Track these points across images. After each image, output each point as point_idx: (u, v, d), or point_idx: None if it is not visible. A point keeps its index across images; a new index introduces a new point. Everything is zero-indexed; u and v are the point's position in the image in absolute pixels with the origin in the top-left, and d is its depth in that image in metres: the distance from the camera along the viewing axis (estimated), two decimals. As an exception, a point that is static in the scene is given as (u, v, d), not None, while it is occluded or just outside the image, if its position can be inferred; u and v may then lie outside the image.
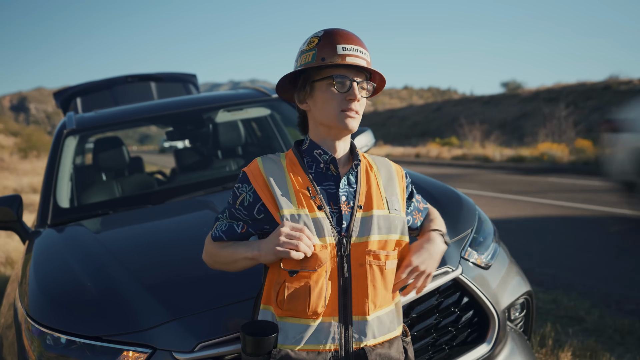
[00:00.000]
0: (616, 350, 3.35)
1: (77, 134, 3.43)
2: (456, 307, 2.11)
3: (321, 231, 1.46)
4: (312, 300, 1.44)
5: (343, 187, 1.54)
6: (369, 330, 1.48)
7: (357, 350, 1.47)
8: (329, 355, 1.46)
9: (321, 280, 1.44)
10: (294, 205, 1.48)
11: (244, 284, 1.88)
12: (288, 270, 1.45)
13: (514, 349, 2.22)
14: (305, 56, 1.52)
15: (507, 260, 2.44)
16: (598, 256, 5.58)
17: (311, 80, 1.54)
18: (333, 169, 1.55)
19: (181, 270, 2.07)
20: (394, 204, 1.57)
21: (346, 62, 1.48)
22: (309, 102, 1.56)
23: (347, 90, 1.50)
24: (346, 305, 1.47)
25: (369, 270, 1.47)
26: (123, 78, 5.50)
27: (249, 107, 3.83)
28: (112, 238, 2.49)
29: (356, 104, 1.51)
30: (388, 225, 1.53)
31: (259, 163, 1.58)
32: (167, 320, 1.77)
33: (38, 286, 2.05)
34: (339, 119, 1.50)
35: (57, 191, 3.01)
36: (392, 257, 1.53)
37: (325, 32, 1.53)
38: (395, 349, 1.54)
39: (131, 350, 1.73)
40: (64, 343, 1.79)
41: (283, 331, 1.47)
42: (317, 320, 1.46)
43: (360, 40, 1.55)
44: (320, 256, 1.44)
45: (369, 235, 1.49)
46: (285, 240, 1.40)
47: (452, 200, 2.50)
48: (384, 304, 1.53)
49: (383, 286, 1.50)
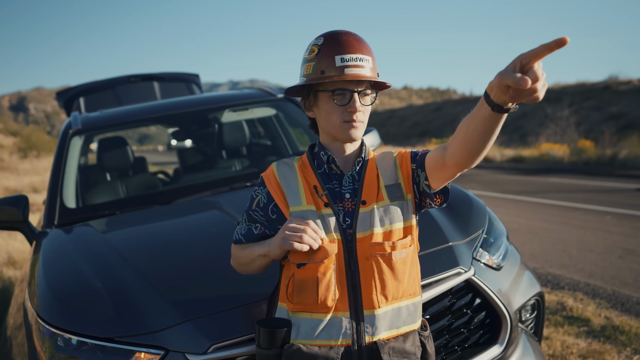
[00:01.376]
0: (623, 351, 3.34)
1: (82, 134, 3.42)
2: (468, 308, 2.10)
3: (328, 227, 1.50)
4: (320, 292, 1.47)
5: (347, 184, 1.57)
6: (381, 323, 1.48)
7: (370, 344, 1.47)
8: (341, 350, 1.47)
9: (329, 272, 1.48)
10: (302, 203, 1.54)
11: (257, 285, 1.87)
12: (296, 263, 1.50)
13: (525, 350, 2.21)
14: (307, 67, 1.55)
15: (519, 260, 2.43)
16: (602, 257, 5.58)
17: (314, 90, 1.56)
18: (335, 168, 1.58)
19: (191, 271, 2.05)
20: (395, 192, 1.56)
21: (344, 76, 1.47)
22: (315, 110, 1.59)
23: (347, 103, 1.50)
24: (356, 299, 1.48)
25: (374, 263, 1.48)
26: (126, 78, 5.48)
27: (254, 107, 3.82)
28: (120, 238, 2.47)
29: (359, 114, 1.52)
30: (390, 215, 1.53)
31: (273, 167, 1.65)
32: (179, 322, 1.76)
33: (48, 287, 2.03)
34: (342, 130, 1.53)
35: (64, 191, 2.99)
36: (400, 247, 1.51)
37: (325, 39, 1.52)
38: (411, 342, 1.53)
39: (143, 351, 1.71)
40: (75, 344, 1.78)
41: (295, 326, 1.51)
42: (328, 315, 1.48)
43: (362, 44, 1.52)
44: (327, 248, 1.48)
45: (372, 228, 1.50)
46: (289, 233, 1.45)
47: (462, 201, 2.49)
48: (401, 296, 1.52)
49: (392, 277, 1.49)
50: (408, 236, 1.54)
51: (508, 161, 18.43)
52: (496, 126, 1.25)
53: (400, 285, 1.51)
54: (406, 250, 1.53)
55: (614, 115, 27.12)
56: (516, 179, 13.20)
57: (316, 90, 1.55)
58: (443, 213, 2.34)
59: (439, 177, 1.48)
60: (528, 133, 25.50)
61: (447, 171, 1.44)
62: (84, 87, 5.44)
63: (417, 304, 1.57)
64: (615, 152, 15.31)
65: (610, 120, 26.45)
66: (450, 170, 1.43)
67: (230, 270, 1.87)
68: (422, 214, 1.71)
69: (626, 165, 14.06)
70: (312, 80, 1.52)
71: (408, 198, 1.56)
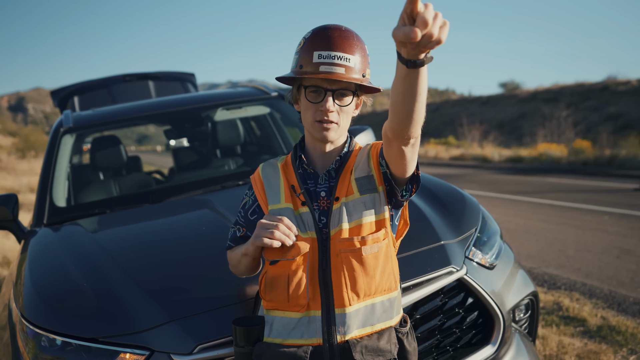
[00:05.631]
0: (619, 352, 3.31)
1: (74, 132, 3.38)
2: (461, 307, 2.07)
3: (304, 226, 1.49)
4: (290, 289, 1.46)
5: (323, 182, 1.54)
6: (353, 321, 1.45)
7: (342, 343, 1.44)
8: (309, 349, 1.44)
9: (300, 270, 1.46)
10: (281, 201, 1.54)
11: (244, 284, 1.84)
12: (269, 260, 1.50)
13: (519, 350, 2.18)
14: (294, 59, 1.52)
15: (512, 260, 2.40)
16: (599, 257, 5.55)
17: (298, 84, 1.53)
18: (307, 168, 1.56)
19: (179, 270, 2.03)
20: (365, 184, 1.52)
21: (317, 73, 1.42)
22: (299, 104, 1.56)
23: (320, 101, 1.47)
24: (328, 297, 1.46)
25: (344, 259, 1.45)
26: (121, 77, 5.45)
27: (248, 105, 3.79)
28: (109, 238, 2.44)
29: (333, 114, 1.47)
30: (360, 209, 1.49)
31: (260, 168, 1.66)
32: (165, 322, 1.73)
33: (33, 286, 2.00)
34: (313, 129, 1.50)
35: (54, 190, 2.96)
36: (370, 241, 1.47)
37: (312, 33, 1.48)
38: (386, 340, 1.48)
39: (128, 352, 1.69)
40: (59, 345, 1.75)
41: (269, 324, 1.51)
42: (300, 313, 1.46)
43: (349, 42, 1.44)
44: (300, 246, 1.46)
45: (340, 224, 1.47)
46: (261, 229, 1.44)
47: (455, 199, 2.46)
48: (374, 293, 1.48)
49: (364, 273, 1.45)
50: (381, 229, 1.49)
51: (506, 161, 18.42)
52: (416, 83, 1.17)
53: (373, 281, 1.47)
54: (378, 244, 1.48)
55: (612, 116, 27.14)
56: (514, 179, 13.18)
57: (300, 85, 1.52)
58: (435, 211, 2.31)
59: (392, 157, 1.41)
60: (526, 133, 25.50)
61: (392, 147, 1.37)
62: (78, 86, 5.41)
63: (392, 300, 1.52)
64: (613, 153, 15.31)
65: (609, 120, 26.47)
66: (393, 145, 1.36)
67: (218, 269, 1.84)
68: (413, 212, 1.68)
69: (624, 165, 14.05)
70: (293, 73, 1.49)
71: (380, 190, 1.51)
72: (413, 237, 1.87)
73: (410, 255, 2.00)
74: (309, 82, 1.47)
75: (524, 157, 18.15)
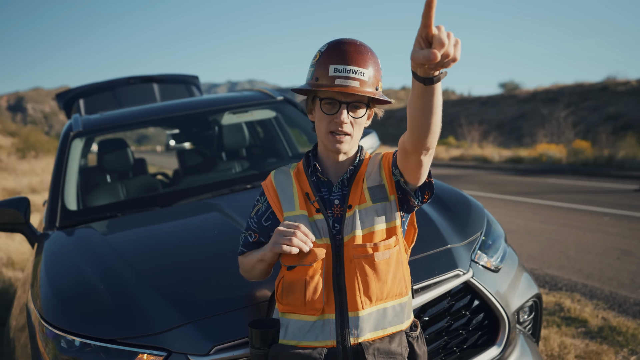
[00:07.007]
0: (620, 352, 3.37)
1: (83, 136, 3.43)
2: (467, 310, 2.13)
3: (319, 233, 1.55)
4: (307, 294, 1.51)
5: (337, 191, 1.60)
6: (366, 324, 1.51)
7: (355, 345, 1.50)
8: (324, 351, 1.50)
9: (316, 275, 1.52)
10: (296, 208, 1.60)
11: (258, 287, 1.89)
12: (287, 265, 1.56)
13: (523, 351, 2.23)
14: (309, 71, 1.58)
15: (516, 262, 2.46)
16: (600, 258, 5.61)
17: (312, 95, 1.60)
18: (321, 176, 1.62)
19: (193, 273, 2.08)
20: (377, 193, 1.58)
21: (333, 86, 1.48)
22: (314, 114, 1.62)
23: (335, 113, 1.53)
24: (342, 301, 1.51)
25: (357, 265, 1.51)
26: (125, 80, 5.49)
27: (254, 109, 3.84)
28: (122, 240, 2.49)
29: (347, 126, 1.53)
30: (373, 216, 1.55)
31: (271, 175, 1.72)
32: (181, 324, 1.78)
33: (50, 288, 2.05)
34: (327, 141, 1.56)
35: (65, 193, 3.01)
36: (382, 248, 1.53)
37: (328, 47, 1.53)
38: (397, 343, 1.54)
39: (146, 353, 1.73)
40: (78, 346, 1.80)
41: (284, 326, 1.57)
42: (315, 317, 1.52)
43: (364, 56, 1.50)
44: (316, 252, 1.52)
45: (353, 231, 1.53)
46: (279, 237, 1.50)
47: (461, 203, 2.52)
48: (385, 297, 1.54)
49: (376, 278, 1.51)
50: (392, 237, 1.56)
51: (506, 162, 18.46)
52: (433, 99, 1.25)
53: (385, 286, 1.53)
54: (390, 251, 1.54)
55: (612, 116, 27.19)
56: (514, 180, 13.23)
57: (314, 96, 1.59)
58: (442, 215, 2.37)
59: (408, 168, 1.48)
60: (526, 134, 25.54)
61: (411, 159, 1.43)
62: (83, 88, 5.45)
63: (403, 305, 1.58)
64: (613, 153, 15.35)
65: (609, 120, 26.52)
66: (412, 156, 1.42)
67: (232, 272, 1.89)
68: (421, 217, 1.73)
69: (624, 166, 14.10)
70: (309, 85, 1.55)
71: (392, 199, 1.58)
72: (421, 240, 1.91)
73: (418, 258, 2.05)
74: (325, 94, 1.53)
75: (524, 157, 18.20)
